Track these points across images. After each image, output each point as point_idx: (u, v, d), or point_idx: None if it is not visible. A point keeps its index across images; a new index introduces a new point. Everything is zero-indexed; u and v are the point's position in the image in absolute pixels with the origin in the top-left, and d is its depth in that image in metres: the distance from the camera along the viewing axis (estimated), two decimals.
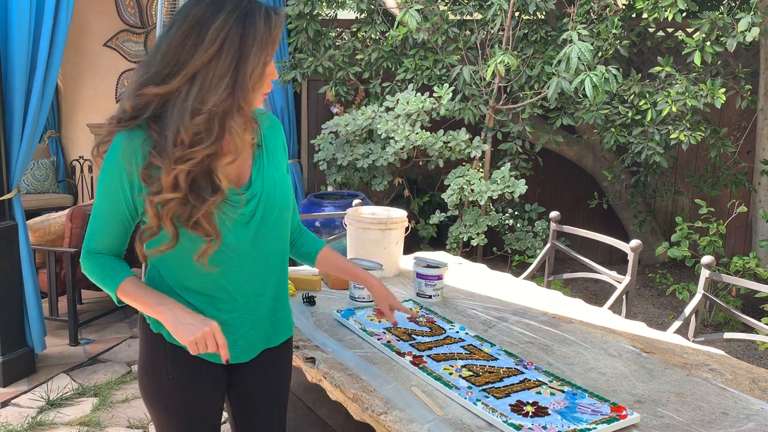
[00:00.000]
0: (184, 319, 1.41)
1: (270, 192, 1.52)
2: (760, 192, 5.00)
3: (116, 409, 3.18)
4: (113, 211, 1.43)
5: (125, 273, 1.48)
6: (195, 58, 1.33)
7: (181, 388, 1.53)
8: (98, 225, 1.46)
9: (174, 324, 1.40)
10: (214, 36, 1.33)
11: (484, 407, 1.56)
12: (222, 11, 1.35)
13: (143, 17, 6.44)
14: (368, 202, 4.68)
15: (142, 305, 1.46)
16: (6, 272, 3.35)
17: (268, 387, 1.66)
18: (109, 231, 1.46)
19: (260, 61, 1.38)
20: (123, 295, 1.46)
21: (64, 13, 3.34)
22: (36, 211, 5.63)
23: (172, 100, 1.36)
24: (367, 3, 5.04)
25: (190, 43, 1.34)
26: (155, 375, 1.54)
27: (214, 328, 1.42)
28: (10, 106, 3.26)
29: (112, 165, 1.40)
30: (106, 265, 1.47)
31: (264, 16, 1.38)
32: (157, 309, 1.43)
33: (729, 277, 2.67)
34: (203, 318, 1.43)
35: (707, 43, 4.20)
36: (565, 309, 2.38)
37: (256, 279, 1.53)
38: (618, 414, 1.54)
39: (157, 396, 1.55)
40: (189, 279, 1.48)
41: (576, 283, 5.18)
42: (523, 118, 4.75)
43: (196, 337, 1.39)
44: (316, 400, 2.37)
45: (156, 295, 1.46)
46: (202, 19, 1.35)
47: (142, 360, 1.57)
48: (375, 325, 2.09)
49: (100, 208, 1.45)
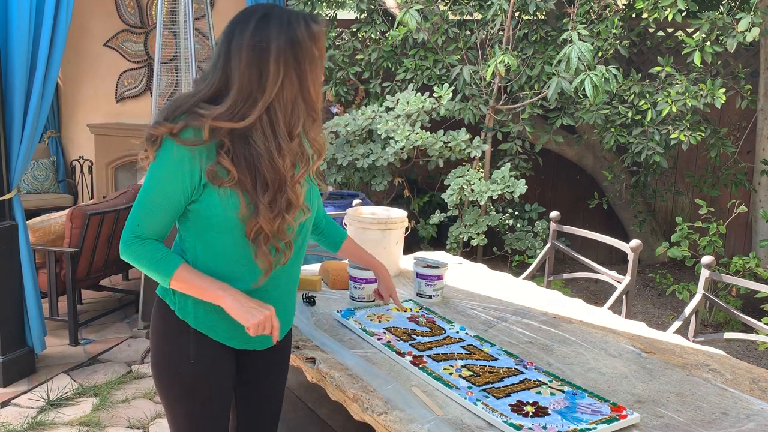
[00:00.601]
0: (247, 303, 1.49)
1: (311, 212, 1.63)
2: (760, 192, 5.00)
3: (116, 409, 3.18)
4: (169, 197, 1.47)
5: (178, 259, 1.51)
6: (266, 93, 1.44)
7: (203, 372, 1.58)
8: (150, 210, 1.49)
9: (238, 308, 1.48)
10: (276, 67, 1.43)
11: (484, 407, 1.56)
12: (271, 37, 1.43)
13: (143, 17, 6.44)
14: (368, 202, 4.68)
15: (199, 291, 1.50)
16: (6, 272, 3.35)
17: (272, 373, 1.76)
18: (162, 216, 1.49)
19: (316, 75, 1.50)
20: (178, 281, 1.50)
21: (64, 13, 3.34)
22: (36, 211, 5.63)
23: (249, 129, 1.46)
24: (367, 3, 5.04)
25: (256, 77, 1.44)
26: (176, 362, 1.58)
27: (272, 312, 1.51)
28: (10, 106, 3.26)
29: (178, 150, 1.44)
30: (158, 251, 1.50)
31: (305, 29, 1.47)
32: (218, 294, 1.49)
33: (729, 277, 2.68)
34: (261, 302, 1.51)
35: (707, 43, 4.20)
36: (565, 309, 2.38)
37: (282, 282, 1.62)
38: (618, 414, 1.54)
39: (177, 382, 1.58)
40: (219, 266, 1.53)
41: (576, 283, 5.18)
42: (523, 118, 4.75)
43: (259, 321, 1.47)
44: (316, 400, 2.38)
45: (214, 281, 1.50)
46: (256, 49, 1.43)
47: (161, 348, 1.60)
48: (375, 325, 2.09)
49: (155, 192, 1.47)
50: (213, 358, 1.59)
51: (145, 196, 1.49)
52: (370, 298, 2.30)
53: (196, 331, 1.57)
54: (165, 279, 1.50)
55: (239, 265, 1.54)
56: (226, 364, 1.62)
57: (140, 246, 1.50)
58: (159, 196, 1.47)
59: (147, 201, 1.49)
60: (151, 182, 1.48)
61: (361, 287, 2.29)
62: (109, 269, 4.27)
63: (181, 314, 1.57)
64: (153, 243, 1.51)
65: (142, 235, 1.50)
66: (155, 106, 4.01)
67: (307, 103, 1.49)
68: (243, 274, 1.55)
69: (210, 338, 1.57)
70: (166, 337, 1.60)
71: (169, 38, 4.75)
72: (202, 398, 1.60)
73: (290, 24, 1.45)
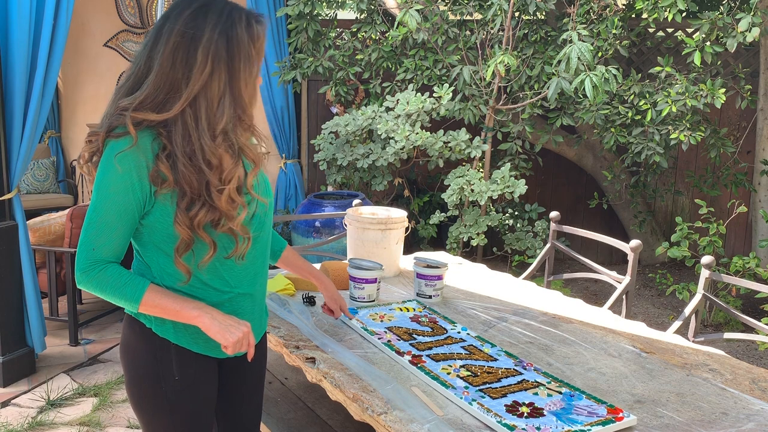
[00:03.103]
0: (224, 321, 1.45)
1: (264, 196, 1.56)
2: (760, 192, 5.00)
3: (116, 409, 3.18)
4: (122, 213, 1.39)
5: (144, 282, 1.43)
6: (191, 82, 1.37)
7: (187, 387, 1.54)
8: (103, 231, 1.39)
9: (217, 327, 1.44)
10: (204, 57, 1.37)
11: (479, 407, 1.56)
12: (206, 27, 1.37)
13: (143, 17, 6.44)
14: (368, 202, 4.68)
15: (172, 313, 1.44)
16: (6, 272, 3.35)
17: (252, 377, 1.74)
18: (116, 235, 1.41)
19: (250, 75, 1.42)
20: (147, 306, 1.42)
21: (64, 13, 3.34)
22: (36, 211, 5.63)
23: (173, 120, 1.39)
24: (367, 3, 5.04)
25: (181, 65, 1.36)
26: (159, 379, 1.52)
27: (249, 329, 1.48)
28: (10, 106, 3.26)
29: (122, 164, 1.36)
30: (122, 275, 1.41)
31: (246, 27, 1.40)
32: (193, 314, 1.44)
33: (729, 277, 2.67)
34: (237, 319, 1.48)
35: (707, 44, 4.20)
36: (565, 309, 2.38)
37: (250, 279, 1.58)
38: (614, 416, 1.54)
39: (159, 399, 1.52)
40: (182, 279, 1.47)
41: (576, 283, 5.18)
42: (523, 118, 4.75)
43: (237, 338, 1.44)
44: (316, 400, 2.38)
45: (185, 301, 1.45)
46: (186, 36, 1.37)
47: (142, 367, 1.53)
48: (377, 324, 2.09)
49: (105, 212, 1.39)
50: (196, 371, 1.54)
51: (95, 216, 1.39)
52: (370, 298, 2.30)
53: (177, 346, 1.51)
54: (133, 305, 1.42)
55: (208, 273, 1.49)
56: (211, 375, 1.59)
57: (100, 272, 1.40)
58: (111, 213, 1.38)
59: (98, 221, 1.39)
60: (99, 200, 1.39)
61: (361, 287, 2.29)
62: None
63: (160, 331, 1.50)
64: (114, 267, 1.41)
65: (100, 260, 1.40)
66: None
67: (236, 101, 1.41)
68: (212, 281, 1.50)
69: (192, 351, 1.53)
70: (144, 355, 1.52)
71: None
72: (186, 412, 1.55)
73: (230, 18, 1.39)
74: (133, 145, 1.36)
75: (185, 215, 1.39)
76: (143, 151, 1.37)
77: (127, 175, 1.37)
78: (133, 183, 1.38)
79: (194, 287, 1.50)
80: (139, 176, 1.38)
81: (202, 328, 1.44)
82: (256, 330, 1.65)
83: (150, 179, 1.38)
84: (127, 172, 1.37)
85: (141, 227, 1.45)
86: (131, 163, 1.37)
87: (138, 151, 1.37)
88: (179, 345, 1.51)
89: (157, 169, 1.37)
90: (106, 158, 1.38)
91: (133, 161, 1.37)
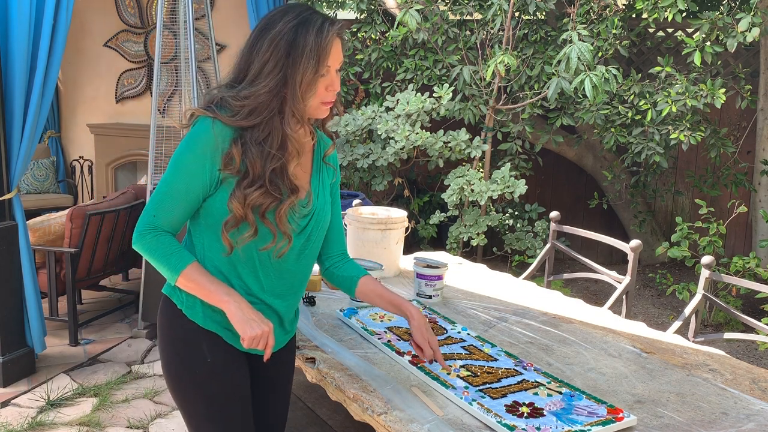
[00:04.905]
0: (249, 314, 1.48)
1: (321, 213, 1.61)
2: (760, 192, 5.00)
3: (116, 409, 3.18)
4: (189, 187, 1.46)
5: (190, 257, 1.50)
6: (254, 64, 1.45)
7: (220, 370, 1.56)
8: (168, 201, 1.47)
9: (240, 317, 1.47)
10: (270, 43, 1.44)
11: (479, 407, 1.56)
12: (282, 20, 1.45)
13: (143, 17, 6.44)
14: (368, 202, 4.68)
15: (205, 292, 1.49)
16: (6, 272, 3.35)
17: (280, 375, 1.74)
18: (179, 208, 1.48)
19: (308, 70, 1.44)
20: (185, 279, 1.48)
21: (64, 13, 3.34)
22: (36, 211, 5.62)
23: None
24: (367, 3, 5.04)
25: (254, 53, 1.46)
26: (191, 362, 1.55)
27: (270, 329, 1.50)
28: (10, 106, 3.26)
29: (200, 140, 1.44)
30: (171, 245, 1.49)
31: (317, 27, 1.45)
32: (223, 299, 1.48)
33: (729, 277, 2.67)
34: (263, 317, 1.50)
35: (707, 43, 4.20)
36: (565, 309, 2.38)
37: (286, 287, 1.60)
38: (614, 416, 1.54)
39: (192, 382, 1.56)
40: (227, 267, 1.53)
41: (576, 283, 5.18)
42: (523, 118, 4.75)
43: (255, 334, 1.46)
44: (316, 400, 2.38)
45: (221, 284, 1.49)
46: (265, 28, 1.46)
47: (173, 349, 1.58)
48: (377, 324, 2.09)
49: (175, 183, 1.47)
50: (226, 355, 1.57)
51: (164, 187, 1.48)
52: None
53: (205, 330, 1.55)
54: (173, 275, 1.48)
55: (244, 267, 1.53)
56: (239, 359, 1.60)
57: (154, 237, 1.48)
58: (178, 189, 1.46)
59: (166, 191, 1.48)
60: (172, 174, 1.47)
61: None
62: (109, 269, 4.27)
63: (190, 314, 1.55)
64: (167, 236, 1.49)
65: (157, 226, 1.48)
66: (155, 106, 4.01)
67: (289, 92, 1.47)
68: (247, 276, 1.54)
69: (221, 338, 1.56)
70: (178, 338, 1.57)
71: (169, 38, 4.75)
72: (220, 395, 1.57)
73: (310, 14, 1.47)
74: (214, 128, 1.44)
75: (242, 192, 1.44)
76: (222, 135, 1.45)
77: (202, 157, 1.45)
78: (204, 165, 1.45)
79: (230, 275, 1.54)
80: (213, 159, 1.45)
81: (227, 313, 1.48)
82: (280, 336, 1.64)
83: (222, 161, 1.45)
84: (202, 155, 1.45)
85: (200, 208, 1.51)
86: (208, 145, 1.44)
87: (216, 133, 1.44)
88: (208, 329, 1.55)
89: (231, 152, 1.44)
90: (197, 129, 1.46)
91: (210, 143, 1.44)
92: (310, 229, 1.59)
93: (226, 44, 5.95)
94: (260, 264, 1.54)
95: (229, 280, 1.53)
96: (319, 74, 1.46)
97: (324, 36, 1.45)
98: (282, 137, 1.47)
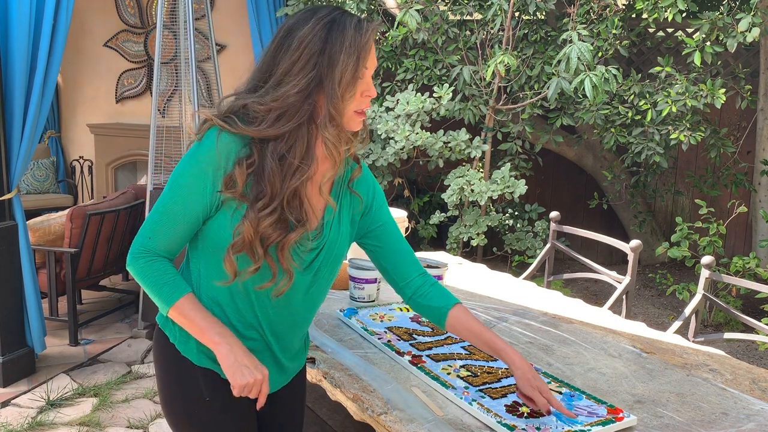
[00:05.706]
0: (241, 359, 1.36)
1: (333, 247, 1.46)
2: (760, 192, 5.00)
3: (116, 409, 3.18)
4: (188, 209, 1.35)
5: (185, 288, 1.37)
6: (281, 65, 1.32)
7: (220, 410, 1.45)
8: (165, 222, 1.36)
9: (231, 362, 1.35)
10: (299, 42, 1.32)
11: (479, 407, 1.55)
12: (311, 20, 1.33)
13: (143, 17, 6.44)
14: None
15: (196, 329, 1.37)
16: (6, 272, 3.35)
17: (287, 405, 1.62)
18: (176, 230, 1.36)
19: (348, 67, 1.32)
20: (177, 313, 1.36)
21: (64, 13, 3.34)
22: (36, 211, 5.63)
23: None
24: (367, 3, 5.04)
25: (280, 54, 1.33)
26: (187, 398, 1.45)
27: (265, 377, 1.37)
28: (10, 106, 3.26)
29: (202, 158, 1.33)
30: (166, 273, 1.37)
31: (355, 23, 1.34)
32: (214, 339, 1.36)
33: (729, 277, 2.68)
34: (257, 363, 1.38)
35: (707, 44, 4.20)
36: (565, 309, 2.38)
37: (286, 327, 1.48)
38: (614, 416, 1.54)
39: (190, 419, 1.46)
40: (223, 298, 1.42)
41: (576, 283, 5.18)
42: (523, 118, 4.75)
43: (247, 382, 1.34)
44: (316, 400, 2.38)
45: (214, 322, 1.37)
46: (292, 28, 1.34)
47: (168, 381, 1.47)
48: (377, 324, 2.09)
49: (172, 204, 1.35)
50: (226, 393, 1.41)
51: (161, 208, 1.37)
52: (370, 298, 2.30)
53: (200, 368, 1.43)
54: (164, 306, 1.37)
55: (241, 298, 1.41)
56: (243, 403, 1.46)
57: (148, 263, 1.37)
58: (178, 205, 1.35)
59: (164, 211, 1.36)
60: (170, 194, 1.36)
61: (361, 287, 2.29)
62: (109, 269, 4.27)
63: (183, 349, 1.44)
64: (162, 262, 1.37)
65: (152, 250, 1.37)
66: (155, 106, 4.01)
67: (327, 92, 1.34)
68: (244, 307, 1.42)
69: (217, 373, 1.43)
70: (171, 372, 1.46)
71: (169, 38, 4.75)
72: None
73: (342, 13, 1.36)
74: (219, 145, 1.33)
75: (256, 214, 1.31)
76: (226, 153, 1.33)
77: (202, 176, 1.33)
78: (205, 186, 1.33)
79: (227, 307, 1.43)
80: (214, 180, 1.33)
81: (218, 357, 1.36)
82: (278, 378, 1.52)
83: (223, 182, 1.33)
84: (203, 174, 1.33)
85: (199, 230, 1.40)
86: (210, 164, 1.33)
87: (221, 152, 1.33)
88: (203, 367, 1.43)
89: (233, 174, 1.32)
90: (201, 146, 1.35)
91: (212, 162, 1.33)
92: (318, 265, 1.44)
93: (226, 44, 5.95)
94: (257, 300, 1.41)
95: (225, 312, 1.42)
96: (358, 73, 1.33)
97: (364, 32, 1.34)
98: (308, 147, 1.33)
